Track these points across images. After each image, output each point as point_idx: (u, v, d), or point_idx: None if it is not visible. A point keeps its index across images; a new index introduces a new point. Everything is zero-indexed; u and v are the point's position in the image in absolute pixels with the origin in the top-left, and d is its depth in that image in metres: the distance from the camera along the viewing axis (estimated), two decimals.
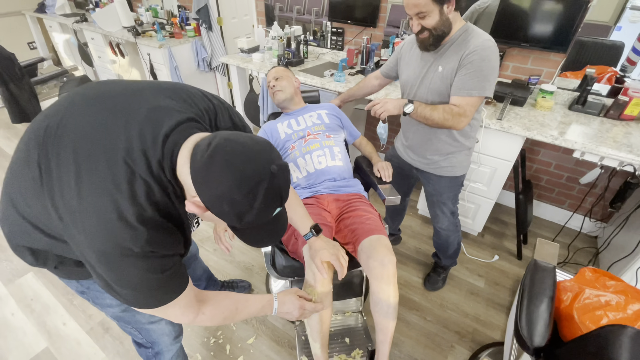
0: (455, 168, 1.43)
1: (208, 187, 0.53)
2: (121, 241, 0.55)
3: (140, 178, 0.56)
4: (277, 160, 0.57)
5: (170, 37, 3.16)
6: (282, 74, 1.62)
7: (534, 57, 1.90)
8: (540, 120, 1.67)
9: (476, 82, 1.15)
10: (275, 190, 0.55)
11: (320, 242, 1.02)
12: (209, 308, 0.76)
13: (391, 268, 1.09)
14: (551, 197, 2.23)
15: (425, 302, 1.72)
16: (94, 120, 0.58)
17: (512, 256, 1.99)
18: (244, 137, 0.57)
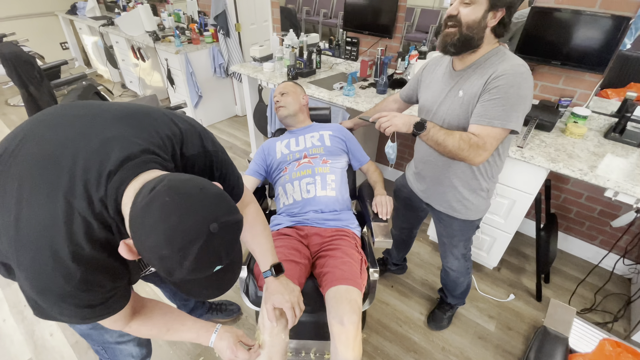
0: (470, 212, 1.25)
1: (140, 236, 0.49)
2: (54, 282, 0.54)
3: (79, 216, 0.53)
4: (223, 217, 0.50)
5: (189, 42, 3.16)
6: (289, 89, 1.55)
7: (566, 76, 1.70)
8: (569, 149, 1.48)
9: (500, 111, 0.96)
10: (211, 251, 0.49)
11: (276, 285, 0.92)
12: (137, 324, 0.75)
13: (351, 329, 0.96)
14: (581, 231, 2.00)
15: (425, 343, 1.56)
16: (44, 150, 0.56)
17: (530, 296, 1.79)
18: (191, 187, 0.51)
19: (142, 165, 0.55)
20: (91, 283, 0.57)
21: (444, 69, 1.15)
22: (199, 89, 3.23)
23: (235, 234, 0.52)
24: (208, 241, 0.48)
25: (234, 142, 3.26)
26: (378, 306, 1.72)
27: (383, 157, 2.66)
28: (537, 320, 1.66)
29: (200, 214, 0.48)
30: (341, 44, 2.45)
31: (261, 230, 0.95)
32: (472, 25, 0.96)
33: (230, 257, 0.53)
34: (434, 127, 1.04)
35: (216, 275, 0.54)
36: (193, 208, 0.48)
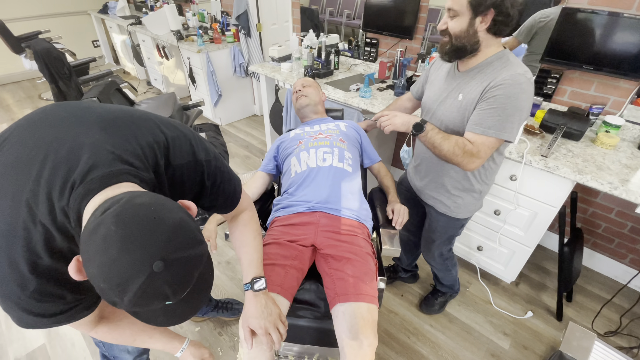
0: (459, 209, 1.26)
1: (84, 260, 0.45)
2: (8, 286, 0.52)
3: (40, 224, 0.51)
4: (174, 253, 0.44)
5: (211, 42, 3.21)
6: (311, 83, 1.57)
7: (598, 82, 1.59)
8: (599, 161, 1.38)
9: (495, 121, 0.97)
10: (154, 290, 0.44)
11: (253, 306, 0.87)
12: (103, 330, 0.74)
13: (369, 353, 0.91)
14: (609, 247, 1.87)
15: (434, 357, 1.50)
16: (18, 153, 0.53)
17: (550, 315, 1.68)
18: (143, 216, 0.44)
19: (109, 178, 0.51)
20: (48, 294, 0.55)
21: (448, 68, 1.15)
22: (219, 87, 3.27)
23: (189, 270, 0.46)
24: (149, 280, 0.43)
25: (250, 141, 3.28)
26: (386, 315, 1.67)
27: (399, 160, 2.60)
28: (556, 340, 1.56)
29: (144, 251, 0.42)
30: (360, 44, 2.41)
31: (251, 239, 0.90)
32: (460, 35, 0.99)
33: (181, 293, 0.47)
34: (432, 130, 1.07)
35: (171, 307, 0.49)
36: (137, 243, 0.42)
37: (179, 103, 1.95)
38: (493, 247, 1.70)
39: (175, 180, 0.64)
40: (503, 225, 1.61)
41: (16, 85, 4.52)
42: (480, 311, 1.70)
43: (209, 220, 1.28)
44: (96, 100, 1.66)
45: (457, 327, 1.62)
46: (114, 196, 0.48)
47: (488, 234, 1.69)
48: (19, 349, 1.53)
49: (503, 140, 1.00)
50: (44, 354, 1.51)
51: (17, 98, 4.13)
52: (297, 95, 1.52)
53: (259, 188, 1.41)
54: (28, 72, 4.59)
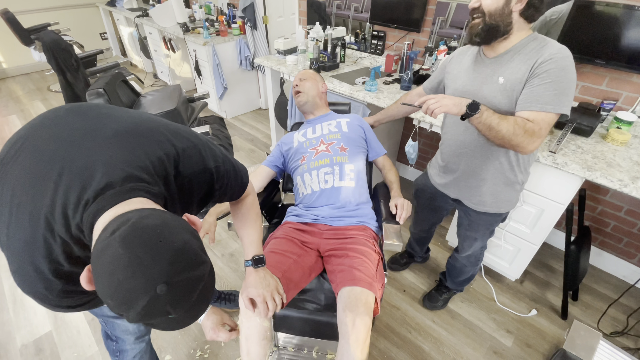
0: (501, 204, 1.23)
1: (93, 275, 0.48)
2: (37, 288, 0.58)
3: (58, 237, 0.55)
4: (177, 276, 0.46)
5: (217, 34, 3.20)
6: (308, 75, 1.54)
7: (610, 77, 1.55)
8: (609, 158, 1.34)
9: (553, 96, 0.93)
10: (157, 308, 0.46)
11: (253, 278, 0.94)
12: None
13: (362, 331, 0.95)
14: (617, 247, 1.83)
15: (435, 353, 1.49)
16: (35, 164, 0.56)
17: (554, 313, 1.66)
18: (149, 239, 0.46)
19: (121, 195, 0.54)
20: (72, 292, 0.61)
21: (472, 57, 1.12)
22: (225, 80, 3.27)
23: (190, 289, 0.48)
24: (152, 301, 0.45)
25: (255, 135, 3.28)
26: (388, 310, 1.67)
27: (404, 155, 2.58)
28: (560, 339, 1.54)
29: (148, 275, 0.44)
30: (367, 37, 2.38)
31: (252, 221, 0.96)
32: (495, 13, 0.95)
33: (182, 310, 0.49)
34: (487, 110, 0.98)
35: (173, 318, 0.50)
36: (142, 267, 0.44)
37: (184, 95, 1.95)
38: (498, 244, 1.68)
39: (185, 188, 0.67)
40: (508, 222, 1.59)
41: (26, 77, 4.57)
42: (483, 308, 1.68)
43: (209, 213, 1.29)
44: (103, 92, 1.66)
45: (460, 323, 1.61)
46: (123, 213, 0.50)
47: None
48: (26, 335, 1.56)
49: (559, 115, 0.96)
50: (50, 341, 1.53)
51: (26, 90, 4.18)
52: (295, 90, 1.52)
53: (262, 182, 1.42)
54: (37, 64, 4.63)
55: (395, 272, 1.87)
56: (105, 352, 1.49)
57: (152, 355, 1.18)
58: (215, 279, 0.58)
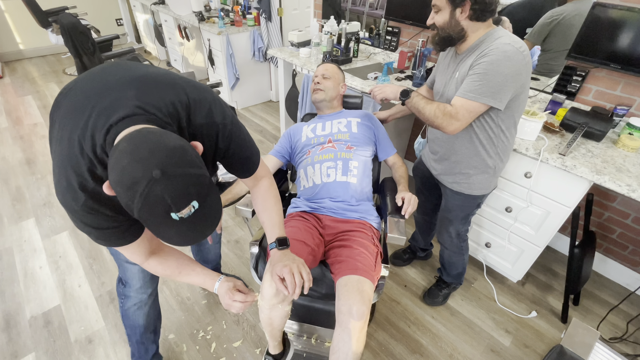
0: (473, 186, 1.29)
1: (109, 170, 0.57)
2: (67, 198, 0.68)
3: (86, 156, 0.64)
4: (171, 167, 0.54)
5: (231, 24, 3.22)
6: (332, 74, 1.52)
7: (625, 82, 1.54)
8: (619, 163, 1.34)
9: (476, 86, 1.03)
10: (155, 196, 0.53)
11: (278, 256, 0.94)
12: (154, 262, 0.88)
13: (358, 321, 0.95)
14: (622, 254, 1.83)
15: (433, 347, 1.51)
16: (78, 98, 0.69)
17: (554, 316, 1.67)
18: (150, 137, 0.57)
19: (135, 121, 0.63)
20: (94, 209, 0.69)
21: (450, 55, 1.23)
22: (237, 71, 3.29)
23: (186, 184, 0.55)
24: (150, 185, 0.52)
25: (264, 126, 3.31)
26: (388, 303, 1.69)
27: (411, 153, 2.58)
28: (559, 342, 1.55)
29: (146, 161, 0.53)
30: (381, 33, 2.38)
31: (272, 204, 0.98)
32: (444, 26, 1.09)
33: (181, 206, 0.54)
34: (417, 96, 1.17)
35: (181, 228, 0.57)
36: (141, 154, 0.53)
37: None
38: (502, 245, 1.69)
39: (195, 138, 0.73)
40: (513, 223, 1.59)
41: (42, 59, 4.64)
42: (483, 307, 1.69)
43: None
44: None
45: (459, 320, 1.63)
46: (135, 128, 0.61)
47: (498, 231, 1.68)
48: (35, 307, 1.61)
49: (484, 105, 1.05)
50: (58, 314, 1.58)
51: (42, 72, 4.25)
52: (315, 87, 1.50)
53: (272, 167, 1.44)
54: (54, 46, 4.70)
55: (397, 267, 1.89)
56: (112, 328, 1.53)
57: (152, 313, 1.24)
58: (219, 202, 0.63)
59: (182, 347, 1.47)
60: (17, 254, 1.88)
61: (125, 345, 1.46)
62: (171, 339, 1.50)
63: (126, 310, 1.19)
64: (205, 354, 1.45)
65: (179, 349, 1.47)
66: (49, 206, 2.20)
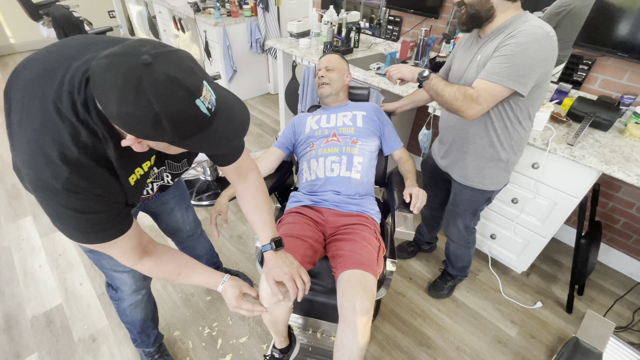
0: (485, 181, 1.26)
1: (110, 115, 0.51)
2: (44, 176, 0.57)
3: (67, 120, 0.57)
4: (152, 50, 0.49)
5: (228, 15, 3.15)
6: (335, 65, 1.47)
7: (632, 71, 1.52)
8: (627, 152, 1.33)
9: (503, 68, 0.97)
10: (164, 80, 0.48)
11: (274, 259, 0.91)
12: (149, 263, 0.79)
13: (363, 316, 0.93)
14: (626, 244, 1.83)
15: (440, 340, 1.51)
16: (44, 66, 0.62)
17: (559, 307, 1.67)
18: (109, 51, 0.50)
19: None
20: (79, 187, 0.59)
21: (471, 39, 1.18)
22: (234, 63, 3.23)
23: (179, 61, 0.50)
24: (150, 73, 0.47)
25: (263, 120, 3.26)
26: (394, 297, 1.68)
27: (414, 146, 2.56)
28: (565, 332, 1.55)
29: (126, 61, 0.48)
30: (382, 23, 2.34)
31: (263, 202, 0.93)
32: (474, 3, 1.02)
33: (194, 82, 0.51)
34: (436, 77, 1.10)
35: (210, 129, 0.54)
36: (117, 61, 0.48)
37: None
38: (507, 236, 1.68)
39: None
40: (520, 214, 1.58)
41: None
42: (488, 298, 1.69)
43: (221, 195, 1.29)
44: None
45: (465, 312, 1.63)
46: None
47: (503, 223, 1.67)
48: (36, 307, 1.59)
49: (510, 90, 0.99)
50: (60, 313, 1.56)
51: None
52: (320, 81, 1.46)
53: (273, 163, 1.42)
54: (45, 40, 4.58)
55: (401, 260, 1.88)
56: (115, 326, 1.51)
57: (148, 306, 1.23)
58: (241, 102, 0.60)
59: (187, 344, 1.45)
60: (15, 253, 1.84)
61: (131, 343, 1.44)
62: (176, 336, 1.48)
63: (123, 310, 1.17)
64: (212, 350, 1.44)
65: (184, 345, 1.45)
66: None
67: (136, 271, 1.03)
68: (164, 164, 0.83)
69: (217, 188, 2.31)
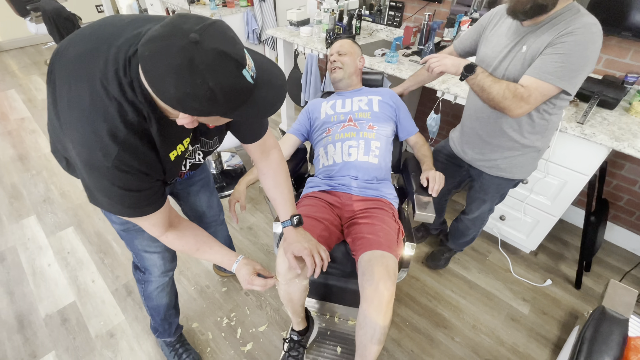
0: (515, 169, 1.25)
1: (168, 99, 0.51)
2: (95, 153, 0.59)
3: (114, 99, 0.58)
4: (196, 26, 0.48)
5: (223, 5, 3.09)
6: (348, 49, 1.46)
7: (635, 50, 1.54)
8: (634, 129, 1.35)
9: (558, 67, 0.92)
10: (215, 55, 0.48)
11: (294, 235, 0.95)
12: (172, 236, 0.83)
13: (386, 294, 0.94)
14: (630, 220, 1.88)
15: (455, 320, 1.54)
16: (88, 46, 0.62)
17: (568, 283, 1.71)
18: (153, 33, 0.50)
19: None
20: (128, 166, 0.62)
21: (510, 23, 1.09)
22: None
23: (223, 33, 0.50)
24: (202, 52, 0.47)
25: None
26: (407, 280, 1.70)
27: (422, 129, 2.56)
28: (575, 307, 1.60)
29: (174, 43, 0.47)
30: (383, 9, 2.32)
31: (284, 180, 0.95)
32: None
33: (239, 51, 0.51)
34: (482, 72, 1.04)
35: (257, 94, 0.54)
36: (165, 44, 0.48)
37: None
38: (517, 217, 1.71)
39: None
40: (529, 194, 1.61)
41: (20, 51, 4.40)
42: (500, 278, 1.73)
43: (239, 182, 1.28)
44: None
45: (478, 293, 1.66)
46: None
47: (513, 204, 1.69)
48: (49, 306, 1.57)
49: (560, 89, 0.95)
50: (75, 311, 1.54)
51: (22, 64, 4.03)
52: (332, 66, 1.45)
53: (289, 150, 1.41)
54: (32, 37, 4.46)
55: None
56: (133, 321, 1.50)
57: (172, 291, 1.25)
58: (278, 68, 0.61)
59: (207, 335, 1.46)
60: (22, 253, 1.81)
61: (150, 336, 1.44)
62: (195, 328, 1.48)
63: (149, 293, 1.18)
64: (232, 340, 1.44)
65: (204, 337, 1.45)
66: (49, 202, 2.12)
67: (166, 252, 1.06)
68: (198, 141, 0.85)
69: (222, 181, 2.30)
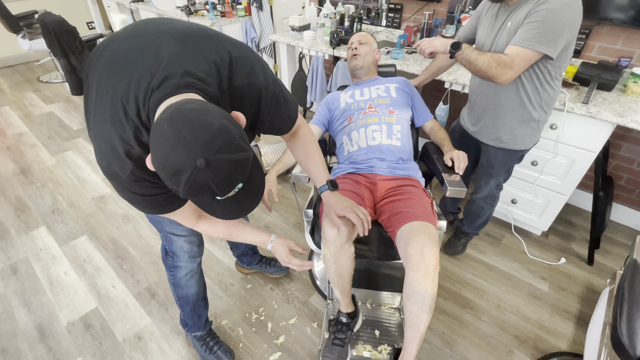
0: (517, 140, 1.33)
1: (151, 150, 0.54)
2: (112, 166, 0.65)
3: (131, 120, 0.62)
4: (216, 154, 0.50)
5: (222, 16, 3.15)
6: (368, 39, 1.54)
7: (625, 37, 1.66)
8: (634, 107, 1.45)
9: (535, 34, 1.03)
10: (200, 184, 0.51)
11: (334, 197, 0.99)
12: (204, 226, 0.90)
13: (432, 260, 0.95)
14: (630, 198, 1.97)
15: (480, 301, 1.57)
16: (116, 57, 0.65)
17: (581, 261, 1.78)
18: (191, 118, 0.50)
19: (178, 88, 0.59)
20: (141, 178, 0.66)
21: (497, 6, 1.22)
22: None
23: (230, 171, 0.52)
24: (194, 174, 0.49)
25: None
26: None
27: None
28: (591, 282, 1.66)
29: (188, 149, 0.49)
30: (381, 12, 2.42)
31: (314, 149, 0.98)
32: None
33: (226, 191, 0.53)
34: (468, 47, 1.15)
35: (225, 204, 0.57)
36: (183, 142, 0.49)
37: None
38: (528, 199, 1.78)
39: (236, 101, 0.70)
40: (539, 175, 1.68)
41: (11, 70, 4.34)
42: (516, 260, 1.78)
43: (269, 172, 1.31)
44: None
45: (497, 274, 1.70)
46: (172, 103, 0.55)
47: (523, 186, 1.76)
48: (70, 313, 1.53)
49: (541, 53, 1.05)
50: (98, 316, 1.51)
51: (14, 82, 3.97)
52: (352, 53, 1.51)
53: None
54: (23, 55, 4.41)
55: None
56: (160, 322, 1.48)
57: (201, 279, 1.26)
58: (262, 177, 0.62)
59: (238, 331, 1.44)
60: (35, 264, 1.76)
61: (180, 337, 1.42)
62: (225, 325, 1.47)
63: (178, 280, 1.17)
64: (264, 334, 1.43)
65: (235, 333, 1.44)
66: (58, 213, 2.08)
67: (192, 237, 1.08)
68: None
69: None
